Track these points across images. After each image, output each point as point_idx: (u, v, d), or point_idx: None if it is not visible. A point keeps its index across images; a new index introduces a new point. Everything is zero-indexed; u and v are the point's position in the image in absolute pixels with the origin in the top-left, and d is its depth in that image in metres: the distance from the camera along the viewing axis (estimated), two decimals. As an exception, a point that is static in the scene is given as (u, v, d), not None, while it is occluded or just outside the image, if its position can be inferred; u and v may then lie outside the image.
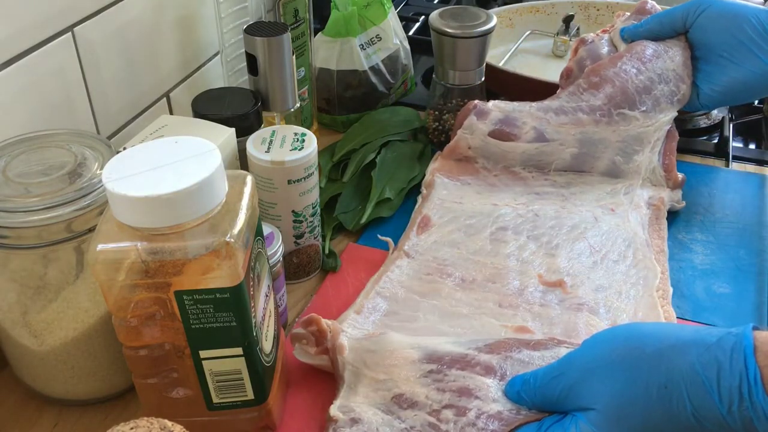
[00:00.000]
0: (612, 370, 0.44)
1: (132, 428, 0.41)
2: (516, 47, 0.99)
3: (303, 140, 0.62)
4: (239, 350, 0.47)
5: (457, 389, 0.51)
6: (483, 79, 0.80)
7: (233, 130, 0.62)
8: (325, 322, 0.56)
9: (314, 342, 0.57)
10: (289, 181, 0.61)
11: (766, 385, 0.39)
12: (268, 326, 0.51)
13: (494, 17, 0.77)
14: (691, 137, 0.90)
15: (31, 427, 0.55)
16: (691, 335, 0.43)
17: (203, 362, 0.47)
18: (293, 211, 0.64)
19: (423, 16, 1.15)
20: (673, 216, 0.74)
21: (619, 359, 0.44)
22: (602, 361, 0.45)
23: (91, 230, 0.49)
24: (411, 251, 0.69)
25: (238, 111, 0.65)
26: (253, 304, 0.47)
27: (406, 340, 0.55)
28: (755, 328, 0.42)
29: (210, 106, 0.66)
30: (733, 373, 0.40)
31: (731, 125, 0.90)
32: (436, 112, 0.81)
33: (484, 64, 0.79)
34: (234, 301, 0.45)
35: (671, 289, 0.64)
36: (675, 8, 0.76)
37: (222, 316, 0.45)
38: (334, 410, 0.52)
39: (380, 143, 0.81)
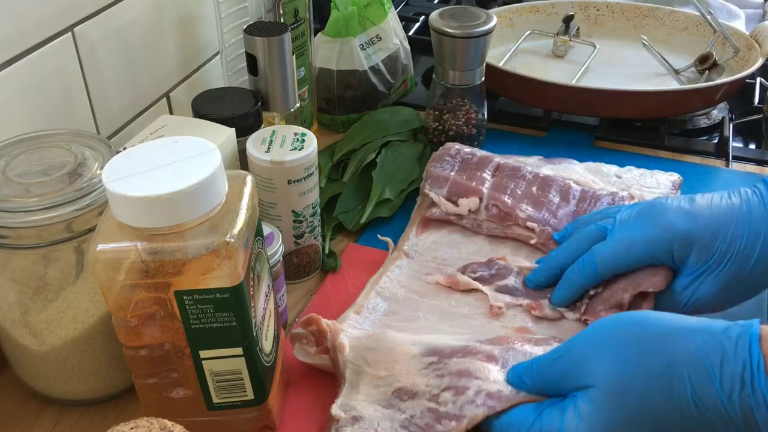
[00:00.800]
0: (615, 349, 0.44)
1: (132, 428, 0.41)
2: (516, 47, 0.99)
3: (303, 140, 0.62)
4: (239, 350, 0.47)
5: (457, 371, 0.51)
6: (483, 79, 0.80)
7: (233, 130, 0.62)
8: (325, 322, 0.56)
9: (314, 342, 0.57)
10: (289, 181, 0.61)
11: None
12: (268, 326, 0.51)
13: (494, 17, 0.77)
14: (691, 137, 0.90)
15: (31, 427, 0.55)
16: (697, 323, 0.43)
17: (203, 362, 0.47)
18: (293, 211, 0.64)
19: (423, 16, 1.15)
20: (673, 216, 0.74)
21: (623, 340, 0.44)
22: (606, 341, 0.45)
23: (91, 230, 0.49)
24: (410, 251, 0.69)
25: (238, 111, 0.65)
26: (253, 304, 0.47)
27: (407, 337, 0.55)
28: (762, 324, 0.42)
29: (210, 106, 0.66)
30: (737, 360, 0.40)
31: (731, 125, 0.90)
32: (436, 112, 0.81)
33: (484, 64, 0.79)
34: (234, 301, 0.45)
35: (671, 289, 0.64)
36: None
37: (222, 316, 0.45)
38: (335, 409, 0.52)
39: (380, 143, 0.81)
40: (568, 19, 0.99)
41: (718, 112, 0.94)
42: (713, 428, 0.41)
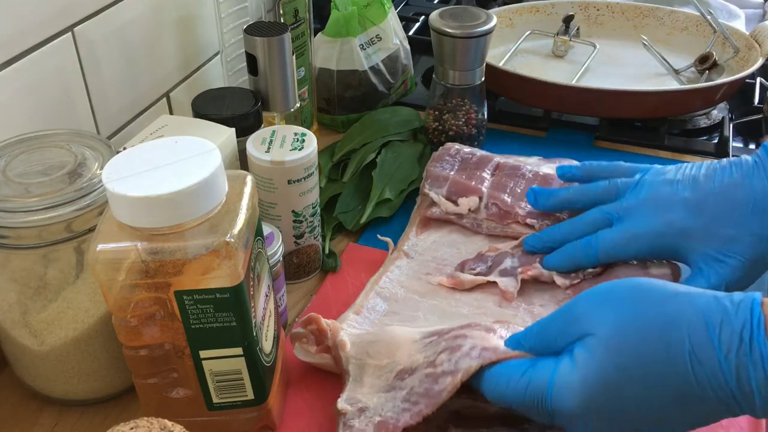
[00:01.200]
0: (618, 303, 0.45)
1: (132, 428, 0.41)
2: (516, 47, 0.99)
3: (303, 140, 0.62)
4: (239, 350, 0.47)
5: (453, 336, 0.50)
6: (483, 79, 0.80)
7: (233, 130, 0.62)
8: (325, 321, 0.56)
9: (314, 341, 0.57)
10: (289, 181, 0.61)
11: None
12: (268, 326, 0.51)
13: (494, 17, 0.77)
14: (691, 137, 0.90)
15: (31, 427, 0.55)
16: (700, 290, 0.44)
17: (203, 362, 0.47)
18: (293, 211, 0.64)
19: (423, 16, 1.15)
20: (673, 216, 0.74)
21: (626, 297, 0.45)
22: (609, 298, 0.45)
23: (91, 230, 0.49)
24: (410, 251, 0.69)
25: (238, 111, 0.65)
26: (253, 304, 0.47)
27: (408, 329, 0.55)
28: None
29: (210, 106, 0.66)
30: (738, 318, 0.40)
31: (731, 125, 0.90)
32: (436, 112, 0.81)
33: (484, 64, 0.79)
34: (234, 301, 0.45)
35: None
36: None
37: (222, 316, 0.45)
38: (341, 404, 0.51)
39: (380, 143, 0.81)
40: (568, 19, 0.99)
41: (718, 112, 0.94)
42: (705, 392, 0.41)
